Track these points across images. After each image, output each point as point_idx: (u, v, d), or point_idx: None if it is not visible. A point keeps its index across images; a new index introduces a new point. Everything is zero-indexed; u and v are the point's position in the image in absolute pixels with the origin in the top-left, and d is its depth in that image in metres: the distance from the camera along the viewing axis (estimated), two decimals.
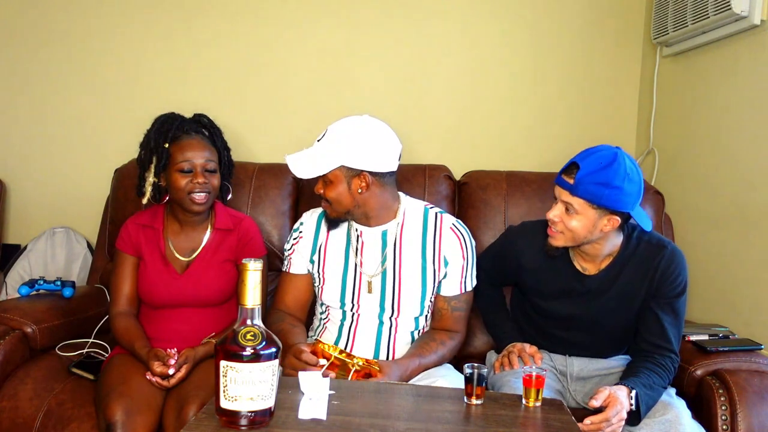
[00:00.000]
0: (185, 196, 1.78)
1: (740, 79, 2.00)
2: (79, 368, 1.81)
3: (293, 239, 1.86)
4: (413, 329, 1.78)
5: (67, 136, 2.64)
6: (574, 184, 1.55)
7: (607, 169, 1.54)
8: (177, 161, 1.77)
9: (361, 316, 1.75)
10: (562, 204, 1.60)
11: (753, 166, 1.93)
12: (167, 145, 1.79)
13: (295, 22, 2.58)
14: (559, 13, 2.55)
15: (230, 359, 1.12)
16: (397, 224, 1.76)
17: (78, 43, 2.61)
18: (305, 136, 2.55)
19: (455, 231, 1.77)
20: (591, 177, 1.54)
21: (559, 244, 1.65)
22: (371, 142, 1.67)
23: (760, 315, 1.87)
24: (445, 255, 1.75)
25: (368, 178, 1.67)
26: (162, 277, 1.83)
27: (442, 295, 1.78)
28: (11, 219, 2.66)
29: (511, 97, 2.58)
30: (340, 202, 1.70)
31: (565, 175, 1.59)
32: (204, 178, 1.78)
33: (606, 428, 1.42)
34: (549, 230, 1.65)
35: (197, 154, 1.78)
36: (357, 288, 1.75)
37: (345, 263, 1.78)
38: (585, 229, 1.59)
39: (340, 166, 1.66)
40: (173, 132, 1.80)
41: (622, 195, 1.54)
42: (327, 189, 1.70)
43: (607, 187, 1.53)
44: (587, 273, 1.71)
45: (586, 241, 1.63)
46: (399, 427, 1.19)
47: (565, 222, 1.60)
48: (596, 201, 1.55)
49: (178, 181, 1.77)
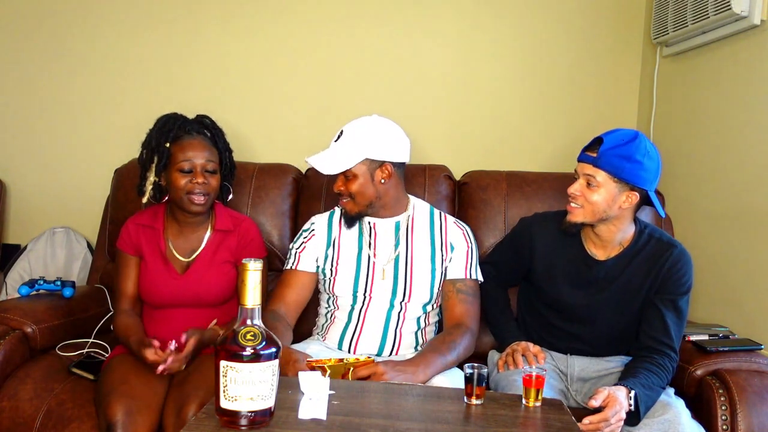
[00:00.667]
0: (184, 196, 1.78)
1: (740, 79, 2.00)
2: (79, 368, 1.81)
3: (304, 237, 1.88)
4: (420, 315, 1.83)
5: (67, 136, 2.64)
6: (598, 156, 1.63)
7: (629, 144, 1.62)
8: (177, 160, 1.78)
9: (373, 300, 1.80)
10: (584, 178, 1.66)
11: (753, 166, 1.93)
12: (168, 145, 1.79)
13: (296, 24, 2.58)
14: (560, 13, 2.55)
15: (230, 359, 1.12)
16: (407, 216, 1.87)
17: (78, 43, 2.61)
18: (306, 137, 2.57)
19: (458, 225, 1.90)
20: (614, 150, 1.62)
21: (578, 220, 1.69)
22: (390, 133, 1.79)
23: (760, 315, 1.87)
24: (451, 241, 1.86)
25: (390, 168, 1.77)
26: (162, 277, 1.84)
27: (448, 278, 1.84)
28: (11, 219, 2.66)
29: (511, 98, 2.59)
30: (363, 194, 1.77)
31: (588, 151, 1.67)
32: (204, 178, 1.78)
33: (605, 428, 1.42)
34: (568, 206, 1.70)
35: (198, 154, 1.79)
36: (370, 277, 1.81)
37: (358, 255, 1.83)
38: (605, 202, 1.64)
39: (364, 159, 1.74)
40: (175, 132, 1.81)
41: (642, 170, 1.62)
42: (349, 183, 1.77)
43: (628, 160, 1.61)
44: (597, 258, 1.74)
45: (604, 217, 1.66)
46: (399, 427, 1.19)
47: (586, 196, 1.65)
48: (618, 173, 1.62)
49: (178, 181, 1.77)
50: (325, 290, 1.88)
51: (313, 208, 2.18)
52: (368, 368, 1.54)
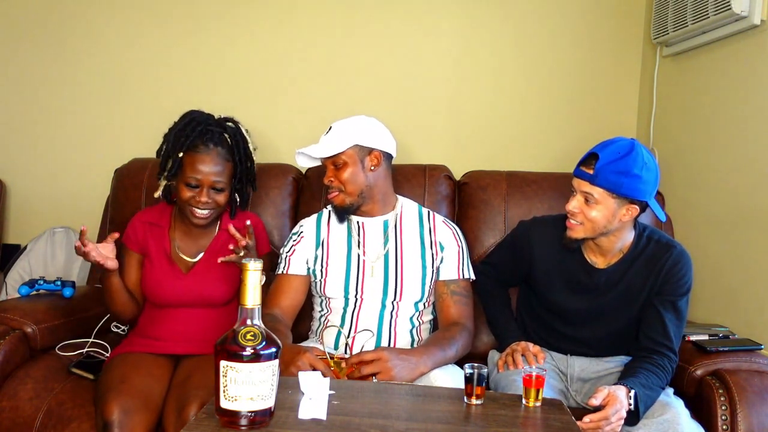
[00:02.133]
0: (187, 208, 1.80)
1: (740, 79, 2.00)
2: (79, 368, 1.81)
3: (293, 240, 1.89)
4: (413, 314, 1.83)
5: (67, 136, 2.64)
6: (594, 173, 1.58)
7: (626, 158, 1.57)
8: (186, 174, 1.76)
9: (364, 301, 1.80)
10: (582, 195, 1.63)
11: (753, 166, 1.93)
12: (181, 155, 1.77)
13: (296, 25, 2.58)
14: (560, 13, 2.55)
15: (230, 359, 1.12)
16: (396, 215, 1.89)
17: (78, 43, 2.61)
18: (306, 137, 2.55)
19: (447, 224, 1.92)
20: (610, 166, 1.57)
21: (579, 236, 1.66)
22: (378, 125, 1.85)
23: (760, 315, 1.87)
24: (440, 241, 1.87)
25: (379, 157, 1.80)
26: (167, 276, 1.84)
27: (441, 279, 1.86)
28: (11, 219, 2.66)
29: (511, 98, 2.59)
30: (353, 182, 1.79)
31: (584, 167, 1.62)
32: (207, 196, 1.77)
33: (605, 427, 1.42)
34: (568, 222, 1.67)
35: (208, 170, 1.76)
36: (360, 275, 1.81)
37: (348, 255, 1.84)
38: (605, 218, 1.62)
39: (353, 145, 1.78)
40: (192, 140, 1.76)
41: (640, 183, 1.58)
42: (339, 172, 1.79)
43: (626, 175, 1.57)
44: (597, 266, 1.73)
45: (605, 231, 1.64)
46: (399, 427, 1.19)
47: (585, 213, 1.62)
48: (616, 190, 1.58)
49: (184, 193, 1.78)
50: (317, 293, 1.88)
51: (313, 208, 2.18)
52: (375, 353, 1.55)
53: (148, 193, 2.23)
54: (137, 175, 2.28)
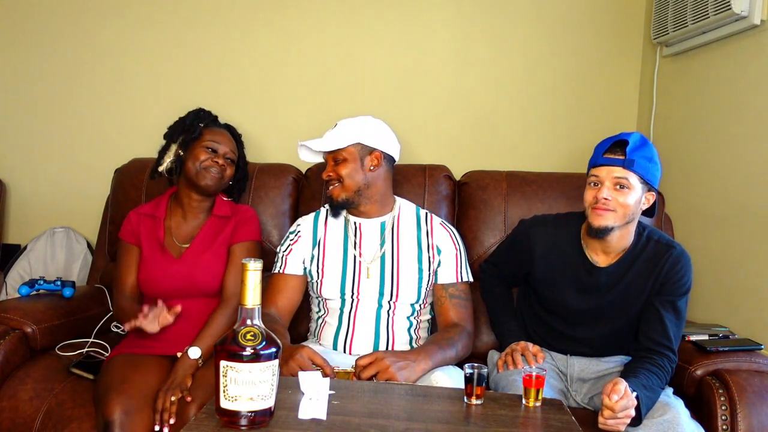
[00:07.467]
0: (201, 169, 1.87)
1: (740, 79, 2.00)
2: (79, 368, 1.81)
3: (290, 240, 1.90)
4: (410, 315, 1.83)
5: (67, 136, 2.64)
6: (628, 159, 1.59)
7: (649, 146, 1.64)
8: (205, 139, 1.92)
9: (361, 302, 1.81)
10: (613, 181, 1.61)
11: (753, 166, 1.93)
12: (201, 125, 1.95)
13: (296, 25, 2.58)
14: (559, 13, 2.55)
15: (230, 359, 1.12)
16: (393, 217, 1.90)
17: (78, 43, 2.61)
18: (306, 137, 2.55)
19: (444, 226, 1.92)
20: (640, 152, 1.60)
21: (609, 223, 1.63)
22: (383, 127, 1.87)
23: (760, 315, 1.87)
24: (437, 244, 1.87)
25: (380, 158, 1.82)
26: (159, 263, 1.86)
27: (439, 283, 1.86)
28: (11, 219, 2.66)
29: (511, 97, 2.59)
30: (352, 178, 1.80)
31: (612, 154, 1.62)
32: (223, 161, 1.91)
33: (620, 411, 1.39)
34: (596, 210, 1.63)
35: (224, 142, 1.94)
36: (357, 276, 1.82)
37: (344, 256, 1.84)
38: (636, 204, 1.63)
39: (356, 142, 1.80)
40: (208, 121, 1.97)
41: (658, 171, 1.65)
42: (339, 167, 1.81)
43: (651, 161, 1.62)
44: (599, 265, 1.73)
45: (631, 219, 1.65)
46: (399, 427, 1.19)
47: (617, 199, 1.61)
48: (645, 175, 1.62)
49: (200, 155, 1.89)
50: (314, 294, 1.89)
51: (313, 208, 2.18)
52: (371, 356, 1.56)
53: (148, 193, 2.23)
54: (137, 175, 2.28)
